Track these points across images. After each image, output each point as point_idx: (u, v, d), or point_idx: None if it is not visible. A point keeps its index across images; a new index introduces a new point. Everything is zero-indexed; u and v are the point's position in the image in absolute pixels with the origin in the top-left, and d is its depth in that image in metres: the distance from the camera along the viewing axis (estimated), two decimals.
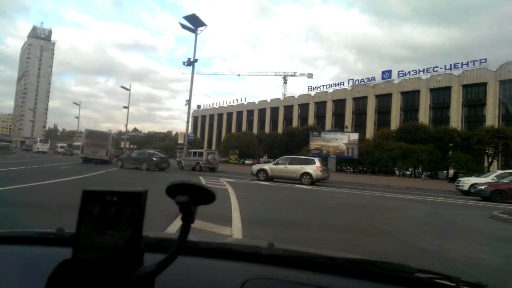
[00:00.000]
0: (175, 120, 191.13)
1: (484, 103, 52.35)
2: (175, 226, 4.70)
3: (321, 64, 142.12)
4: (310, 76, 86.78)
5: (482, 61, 53.02)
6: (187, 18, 28.36)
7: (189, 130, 35.59)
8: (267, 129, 78.59)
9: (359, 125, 63.15)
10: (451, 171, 39.68)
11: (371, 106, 65.08)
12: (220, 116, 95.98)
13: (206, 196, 0.64)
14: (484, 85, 52.11)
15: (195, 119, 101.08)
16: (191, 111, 74.90)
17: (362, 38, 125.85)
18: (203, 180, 14.38)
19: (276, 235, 5.23)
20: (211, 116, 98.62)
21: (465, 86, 54.76)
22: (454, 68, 55.94)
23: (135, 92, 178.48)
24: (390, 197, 13.51)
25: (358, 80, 68.40)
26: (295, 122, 74.16)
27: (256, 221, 6.44)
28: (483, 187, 14.95)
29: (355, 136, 34.19)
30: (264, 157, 34.82)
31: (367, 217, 7.93)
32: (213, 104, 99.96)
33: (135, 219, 0.57)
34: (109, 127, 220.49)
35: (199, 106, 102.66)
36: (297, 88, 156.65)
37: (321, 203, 10.47)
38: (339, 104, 70.15)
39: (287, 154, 23.83)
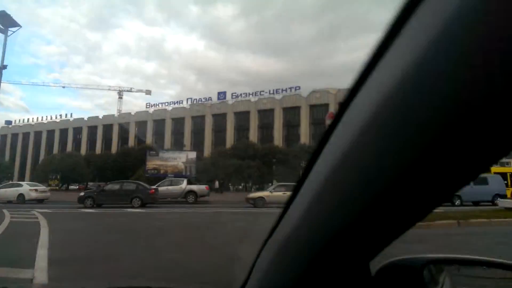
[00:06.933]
0: None
1: (299, 124, 62.39)
2: None
3: (163, 82, 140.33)
4: (148, 92, 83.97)
5: (297, 88, 63.53)
6: None
7: None
8: (98, 149, 71.49)
9: (198, 144, 64.89)
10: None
11: (208, 125, 68.14)
12: (38, 134, 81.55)
13: None
14: (298, 108, 62.23)
15: (3, 138, 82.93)
16: None
17: (202, 60, 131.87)
18: (7, 213, 11.79)
19: (91, 272, 4.57)
20: (26, 135, 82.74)
21: (284, 109, 64.07)
22: (276, 93, 64.91)
23: None
24: (224, 212, 14.17)
25: (196, 99, 70.76)
26: (131, 141, 70.14)
27: (67, 258, 5.42)
28: None
29: (193, 155, 34.82)
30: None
31: (197, 235, 7.99)
32: (28, 120, 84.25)
33: None
34: None
35: (8, 122, 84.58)
36: (135, 106, 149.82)
37: (151, 225, 10.07)
38: (179, 122, 70.61)
39: (121, 177, 21.75)
